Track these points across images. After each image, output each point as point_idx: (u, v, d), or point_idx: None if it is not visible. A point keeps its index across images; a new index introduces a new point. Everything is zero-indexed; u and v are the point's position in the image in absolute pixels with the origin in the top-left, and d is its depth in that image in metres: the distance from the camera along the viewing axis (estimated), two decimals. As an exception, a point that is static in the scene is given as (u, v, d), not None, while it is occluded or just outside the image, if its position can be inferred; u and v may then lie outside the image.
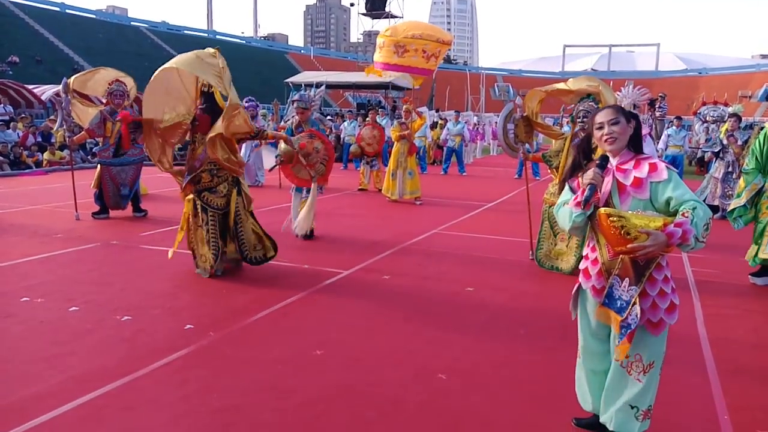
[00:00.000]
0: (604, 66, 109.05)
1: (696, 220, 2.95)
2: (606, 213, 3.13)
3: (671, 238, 2.96)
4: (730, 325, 5.85)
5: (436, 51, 11.89)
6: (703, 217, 2.98)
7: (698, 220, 2.96)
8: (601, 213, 3.16)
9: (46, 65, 52.10)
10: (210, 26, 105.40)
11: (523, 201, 9.05)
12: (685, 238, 2.95)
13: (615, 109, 3.34)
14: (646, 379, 3.30)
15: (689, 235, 2.94)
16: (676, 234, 2.95)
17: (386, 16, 73.25)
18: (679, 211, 3.05)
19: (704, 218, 2.98)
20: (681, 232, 2.95)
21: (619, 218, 3.07)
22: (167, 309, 5.84)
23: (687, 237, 2.95)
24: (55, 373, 4.38)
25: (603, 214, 3.14)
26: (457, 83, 72.06)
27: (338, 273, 7.20)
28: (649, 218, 3.05)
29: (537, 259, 7.73)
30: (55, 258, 7.62)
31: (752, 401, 4.26)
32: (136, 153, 10.55)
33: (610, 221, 3.09)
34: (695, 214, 2.97)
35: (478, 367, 4.68)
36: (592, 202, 3.31)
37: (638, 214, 3.10)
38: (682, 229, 2.95)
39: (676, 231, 2.95)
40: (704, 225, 2.97)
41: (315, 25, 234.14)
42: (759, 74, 79.72)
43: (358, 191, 15.12)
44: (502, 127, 7.93)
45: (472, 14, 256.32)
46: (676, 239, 2.96)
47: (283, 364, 4.64)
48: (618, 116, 3.29)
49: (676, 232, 2.95)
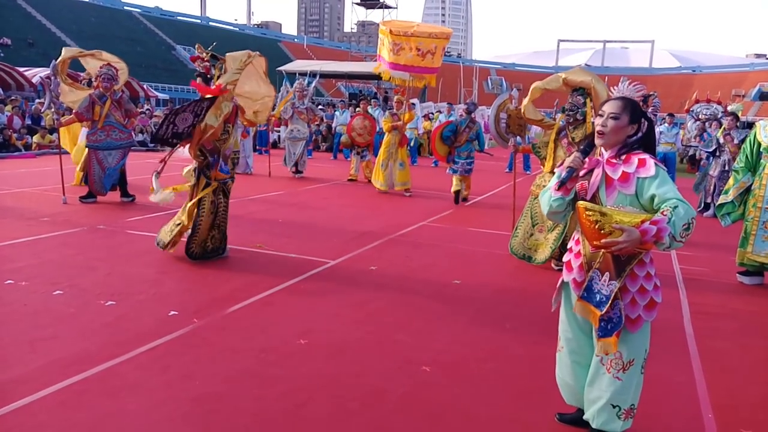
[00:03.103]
0: (598, 62, 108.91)
1: (674, 219, 2.92)
2: (584, 207, 3.13)
3: (645, 236, 2.93)
4: (716, 323, 5.86)
5: (431, 47, 11.80)
6: (684, 216, 2.93)
7: (677, 219, 2.92)
8: (579, 206, 3.16)
9: (38, 48, 51.78)
10: (203, 12, 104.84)
11: (509, 195, 9.05)
12: (659, 236, 2.92)
13: (622, 105, 3.28)
14: (626, 377, 3.28)
15: (663, 234, 2.92)
16: (650, 231, 2.93)
17: (380, 6, 73.19)
18: (660, 209, 3.03)
19: (684, 218, 2.93)
20: (655, 230, 2.92)
21: (594, 212, 3.06)
22: (152, 295, 5.80)
23: (661, 235, 2.92)
24: (36, 356, 4.34)
25: (581, 207, 3.14)
26: (450, 76, 71.86)
27: (325, 263, 7.17)
28: (628, 214, 3.04)
29: (510, 246, 7.74)
30: (41, 242, 7.57)
31: (737, 400, 4.26)
32: (124, 137, 10.45)
33: (587, 215, 3.09)
34: (675, 213, 2.93)
35: (463, 360, 4.67)
36: (571, 188, 3.31)
37: (618, 210, 3.09)
38: (657, 227, 2.92)
39: (650, 228, 2.93)
40: (684, 225, 2.92)
41: (309, 13, 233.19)
42: (753, 73, 79.85)
43: (348, 181, 15.09)
44: (494, 116, 7.91)
45: (466, 7, 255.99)
46: (650, 237, 2.93)
47: (267, 352, 4.62)
48: (620, 112, 3.24)
49: (650, 230, 2.93)
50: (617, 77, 4.99)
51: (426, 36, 11.74)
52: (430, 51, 11.81)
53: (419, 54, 11.71)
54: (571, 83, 7.03)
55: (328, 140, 24.12)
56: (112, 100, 10.21)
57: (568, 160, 3.32)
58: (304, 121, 15.32)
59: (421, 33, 11.81)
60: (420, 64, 11.85)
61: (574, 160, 3.29)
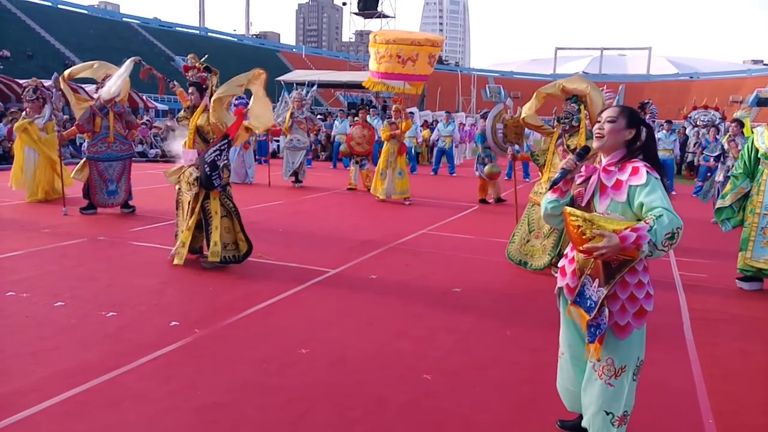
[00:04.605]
0: (595, 69, 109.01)
1: (656, 228, 2.93)
2: (569, 212, 3.18)
3: (624, 242, 2.96)
4: (716, 329, 5.87)
5: (412, 54, 11.69)
6: (668, 225, 2.94)
7: (659, 227, 2.93)
8: (565, 211, 3.21)
9: (37, 60, 51.78)
10: (202, 23, 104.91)
11: (512, 202, 9.07)
12: (638, 243, 2.94)
13: (619, 110, 3.32)
14: (617, 384, 3.29)
15: (642, 241, 2.93)
16: (630, 238, 2.95)
17: (378, 15, 73.21)
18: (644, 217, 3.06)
19: (668, 227, 2.94)
20: (635, 236, 2.94)
21: (577, 218, 3.10)
22: (153, 305, 5.82)
23: (640, 242, 2.94)
24: (38, 368, 4.35)
25: (566, 212, 3.20)
26: (448, 84, 72.01)
27: (325, 272, 7.19)
28: (613, 221, 3.07)
29: (507, 252, 7.80)
30: (42, 253, 7.58)
31: (737, 405, 4.27)
32: (124, 148, 10.48)
33: (571, 220, 3.14)
34: (658, 222, 2.94)
35: (464, 368, 4.68)
36: (566, 191, 3.36)
37: (604, 216, 3.12)
38: (637, 234, 2.94)
39: (629, 235, 2.95)
40: (667, 234, 2.94)
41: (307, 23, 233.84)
42: (750, 79, 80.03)
43: (347, 190, 15.11)
44: (491, 126, 7.96)
45: (464, 15, 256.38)
46: (629, 243, 2.95)
47: (269, 362, 4.63)
48: (617, 117, 3.28)
49: (629, 237, 2.95)
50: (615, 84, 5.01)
51: (408, 43, 11.67)
52: (411, 58, 11.65)
53: (399, 61, 11.63)
54: (568, 91, 7.09)
55: (327, 149, 24.15)
56: (113, 112, 10.24)
57: (562, 163, 3.36)
58: (303, 131, 15.36)
59: (402, 40, 11.76)
60: (400, 71, 11.75)
61: (568, 162, 3.33)
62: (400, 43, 11.65)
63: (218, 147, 6.85)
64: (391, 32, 13.18)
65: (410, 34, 12.67)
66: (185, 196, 7.22)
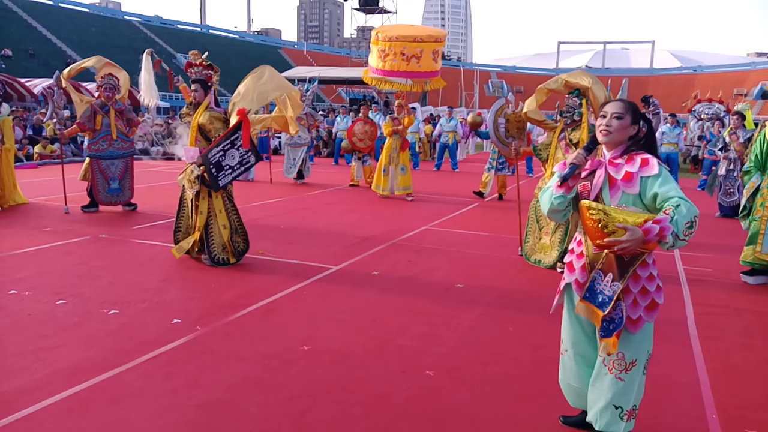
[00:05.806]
0: (598, 63, 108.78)
1: (677, 218, 2.92)
2: (587, 206, 3.13)
3: (648, 235, 2.93)
4: (720, 323, 5.85)
5: (416, 51, 11.67)
6: (686, 215, 2.93)
7: (680, 217, 2.92)
8: (583, 205, 3.16)
9: (39, 59, 51.87)
10: (203, 21, 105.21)
11: (515, 197, 9.05)
12: (663, 235, 2.92)
13: (624, 105, 3.30)
14: (628, 378, 3.27)
15: (666, 233, 2.92)
16: (653, 230, 2.93)
17: (380, 11, 73.21)
18: (662, 208, 3.03)
19: (687, 216, 2.93)
20: (658, 229, 2.92)
21: (598, 211, 3.06)
22: (155, 303, 5.81)
23: (664, 234, 2.92)
24: (41, 366, 4.35)
25: (584, 206, 3.14)
26: (450, 79, 71.39)
27: (327, 268, 7.18)
28: (632, 214, 3.04)
29: (524, 252, 7.81)
30: (44, 251, 7.58)
31: (741, 400, 4.25)
32: (126, 146, 10.48)
33: (590, 214, 3.09)
34: (677, 212, 2.93)
35: (466, 364, 4.67)
36: (573, 186, 3.32)
37: (621, 209, 3.08)
38: (660, 226, 2.92)
39: (653, 228, 2.93)
40: (687, 223, 2.93)
41: (308, 20, 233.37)
42: (754, 72, 79.74)
43: (350, 186, 15.10)
44: (493, 121, 7.94)
45: (466, 10, 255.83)
46: (653, 236, 2.93)
47: (270, 359, 4.62)
48: (624, 113, 3.26)
49: (653, 229, 2.93)
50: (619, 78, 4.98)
51: (410, 40, 11.65)
52: (415, 55, 11.64)
53: (404, 59, 11.61)
54: (570, 85, 7.08)
55: (329, 146, 24.12)
56: (114, 109, 10.24)
57: (570, 157, 3.33)
58: (304, 127, 15.33)
59: (404, 37, 11.73)
60: (405, 68, 11.73)
61: (578, 157, 3.30)
62: (403, 41, 11.62)
63: (222, 147, 6.82)
64: (392, 29, 13.11)
65: (411, 29, 12.61)
66: (188, 194, 7.21)
